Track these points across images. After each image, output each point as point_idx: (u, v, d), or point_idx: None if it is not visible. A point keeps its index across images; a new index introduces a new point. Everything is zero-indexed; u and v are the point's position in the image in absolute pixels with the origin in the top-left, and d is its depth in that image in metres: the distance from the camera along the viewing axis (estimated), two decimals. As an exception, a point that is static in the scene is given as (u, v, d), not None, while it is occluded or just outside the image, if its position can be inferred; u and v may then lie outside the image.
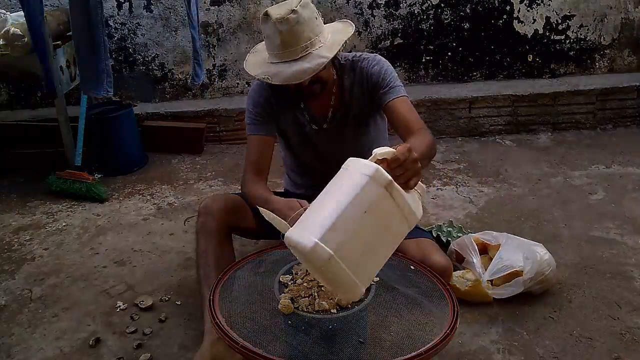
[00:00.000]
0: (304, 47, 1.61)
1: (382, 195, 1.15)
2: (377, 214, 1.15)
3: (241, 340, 1.25)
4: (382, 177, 1.15)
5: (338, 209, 1.13)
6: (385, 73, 1.80)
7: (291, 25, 1.58)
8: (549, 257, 2.01)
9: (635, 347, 1.76)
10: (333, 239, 1.11)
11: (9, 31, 2.80)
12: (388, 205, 1.16)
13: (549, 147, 3.47)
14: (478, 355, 1.75)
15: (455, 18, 3.76)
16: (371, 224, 1.15)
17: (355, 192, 1.14)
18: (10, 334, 1.94)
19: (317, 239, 1.11)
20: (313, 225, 1.15)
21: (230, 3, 3.68)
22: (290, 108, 1.88)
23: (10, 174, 3.32)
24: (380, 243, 1.19)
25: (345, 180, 1.19)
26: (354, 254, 1.14)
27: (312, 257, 1.12)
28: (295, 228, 1.20)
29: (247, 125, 1.90)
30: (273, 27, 1.59)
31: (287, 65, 1.62)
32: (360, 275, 1.16)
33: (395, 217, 1.18)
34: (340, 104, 1.87)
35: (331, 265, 1.11)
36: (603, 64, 3.93)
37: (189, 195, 2.98)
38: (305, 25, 1.60)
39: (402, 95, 1.77)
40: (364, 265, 1.17)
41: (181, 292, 2.13)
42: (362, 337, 1.31)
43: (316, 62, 1.60)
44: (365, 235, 1.15)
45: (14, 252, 2.48)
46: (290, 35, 1.59)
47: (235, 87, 3.89)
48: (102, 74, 2.83)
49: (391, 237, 1.21)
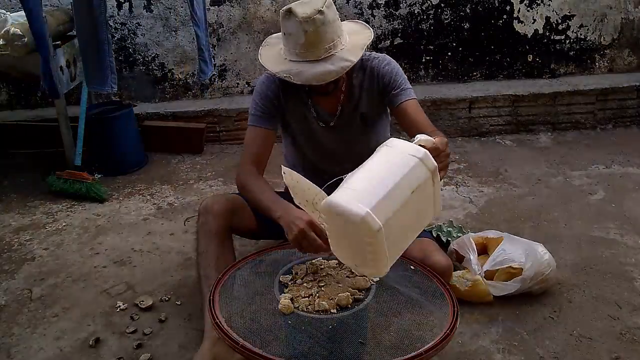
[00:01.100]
0: (327, 48, 1.61)
1: (428, 179, 1.18)
2: (419, 196, 1.18)
3: (241, 340, 1.26)
4: (430, 161, 1.19)
5: (389, 184, 1.15)
6: (397, 75, 1.82)
7: (317, 26, 1.57)
8: (549, 257, 2.01)
9: (635, 347, 1.76)
10: (383, 211, 1.11)
11: (9, 31, 2.80)
12: (429, 190, 1.20)
13: (549, 147, 3.47)
14: (478, 355, 1.75)
15: (455, 18, 3.76)
16: (413, 205, 1.17)
17: (405, 170, 1.16)
18: (10, 334, 1.94)
19: (369, 209, 1.10)
20: (364, 194, 1.13)
21: (230, 3, 3.68)
22: (298, 104, 1.88)
23: (10, 174, 3.32)
24: (413, 225, 1.22)
25: (393, 158, 1.20)
26: (395, 231, 1.15)
27: (361, 227, 1.10)
28: (341, 193, 1.17)
29: (250, 116, 1.88)
30: (298, 26, 1.57)
31: (309, 65, 1.61)
32: (392, 252, 1.18)
33: (429, 204, 1.22)
34: (348, 102, 1.87)
35: (377, 238, 1.11)
36: (603, 64, 3.93)
37: (189, 195, 2.98)
38: (329, 26, 1.60)
39: (413, 97, 1.80)
40: (398, 243, 1.19)
41: (181, 292, 2.13)
42: (362, 337, 1.31)
43: (340, 65, 1.61)
44: (407, 214, 1.17)
45: (14, 252, 2.48)
46: (316, 35, 1.58)
47: (235, 87, 3.89)
48: (106, 70, 2.87)
49: (421, 221, 1.24)
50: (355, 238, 1.15)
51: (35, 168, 3.34)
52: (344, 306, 1.33)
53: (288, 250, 1.61)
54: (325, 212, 1.21)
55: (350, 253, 1.23)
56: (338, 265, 1.50)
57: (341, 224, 1.17)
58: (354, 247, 1.19)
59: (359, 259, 1.21)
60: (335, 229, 1.22)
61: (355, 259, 1.23)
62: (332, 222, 1.22)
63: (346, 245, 1.24)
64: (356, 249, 1.18)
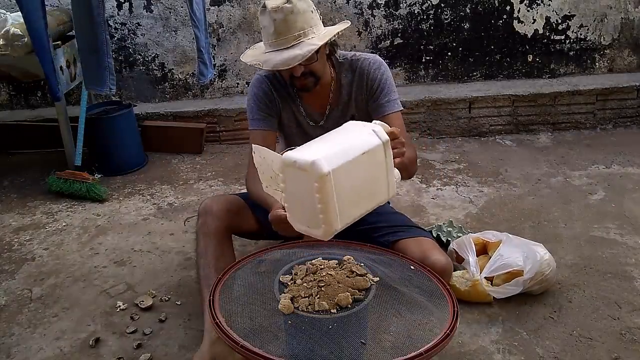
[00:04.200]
0: (296, 36, 1.63)
1: (379, 148, 1.29)
2: (370, 161, 1.28)
3: (241, 340, 1.25)
4: (382, 133, 1.31)
5: (340, 142, 1.27)
6: (386, 82, 1.83)
7: (285, 14, 1.60)
8: (549, 257, 2.01)
9: (635, 347, 1.77)
10: (332, 161, 1.20)
11: (9, 31, 2.80)
12: (380, 160, 1.30)
13: (549, 147, 3.47)
14: (478, 355, 1.75)
15: (455, 18, 3.76)
16: (364, 168, 1.26)
17: (358, 137, 1.29)
18: (10, 334, 1.94)
19: (319, 157, 1.18)
20: (314, 150, 1.23)
21: (230, 3, 3.68)
22: (289, 103, 1.89)
23: (10, 174, 3.32)
24: (365, 193, 1.30)
25: (347, 129, 1.35)
26: (345, 186, 1.22)
27: (310, 173, 1.18)
28: (294, 151, 1.26)
29: (249, 121, 1.90)
30: (268, 16, 1.63)
31: (278, 52, 1.64)
32: (342, 211, 1.23)
33: (381, 177, 1.32)
34: (337, 102, 1.87)
35: (325, 183, 1.18)
36: (603, 64, 3.93)
37: (189, 195, 2.98)
38: (299, 15, 1.63)
39: (398, 110, 1.83)
40: (348, 204, 1.25)
41: (181, 292, 2.13)
42: (362, 337, 1.31)
43: (306, 49, 1.62)
44: (358, 175, 1.26)
45: (14, 252, 2.48)
46: (284, 23, 1.61)
47: (235, 87, 3.89)
48: (104, 71, 2.85)
49: (374, 194, 1.32)
50: (306, 190, 1.21)
51: (35, 168, 3.34)
52: (344, 306, 1.33)
53: (288, 250, 1.61)
54: (281, 170, 1.27)
55: (302, 215, 1.28)
56: (338, 265, 1.50)
57: (294, 180, 1.25)
58: (306, 204, 1.24)
59: (310, 218, 1.25)
60: (290, 189, 1.28)
61: (308, 220, 1.27)
62: (287, 181, 1.28)
63: (299, 206, 1.29)
64: (308, 205, 1.23)
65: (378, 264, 1.51)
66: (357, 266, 1.47)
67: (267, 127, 1.88)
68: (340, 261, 1.51)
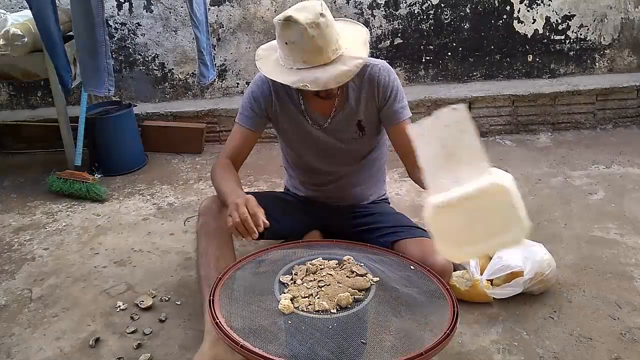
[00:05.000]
0: (334, 49, 1.60)
1: None
2: None
3: (241, 340, 1.26)
4: None
5: None
6: (398, 89, 1.83)
7: (322, 29, 1.55)
8: (549, 257, 2.01)
9: (635, 347, 1.76)
10: None
11: (9, 31, 2.80)
12: None
13: (549, 147, 3.47)
14: (478, 355, 1.75)
15: (455, 18, 3.76)
16: None
17: None
18: (11, 334, 1.94)
19: None
20: None
21: (230, 3, 3.68)
22: (291, 106, 1.88)
23: (10, 174, 3.32)
24: None
25: None
26: None
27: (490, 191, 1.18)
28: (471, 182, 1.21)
29: (238, 114, 1.92)
30: (302, 32, 1.54)
31: (321, 70, 1.58)
32: None
33: None
34: (343, 106, 1.86)
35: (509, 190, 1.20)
36: (603, 64, 3.93)
37: (189, 195, 2.98)
38: (332, 27, 1.59)
39: (409, 117, 1.84)
40: None
41: (181, 292, 2.13)
42: (362, 337, 1.31)
43: (353, 64, 1.59)
44: None
45: (14, 252, 2.48)
46: (322, 39, 1.56)
47: (235, 87, 3.89)
48: (103, 72, 2.83)
49: None
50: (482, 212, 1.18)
51: (35, 168, 3.34)
52: (344, 306, 1.33)
53: (288, 250, 1.61)
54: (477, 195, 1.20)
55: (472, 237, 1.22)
56: (338, 265, 1.50)
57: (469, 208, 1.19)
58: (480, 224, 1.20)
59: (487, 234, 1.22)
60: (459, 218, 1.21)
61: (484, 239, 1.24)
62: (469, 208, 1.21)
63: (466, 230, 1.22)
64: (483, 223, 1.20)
65: (378, 264, 1.51)
66: (357, 266, 1.47)
67: (252, 127, 1.89)
68: (340, 261, 1.51)
